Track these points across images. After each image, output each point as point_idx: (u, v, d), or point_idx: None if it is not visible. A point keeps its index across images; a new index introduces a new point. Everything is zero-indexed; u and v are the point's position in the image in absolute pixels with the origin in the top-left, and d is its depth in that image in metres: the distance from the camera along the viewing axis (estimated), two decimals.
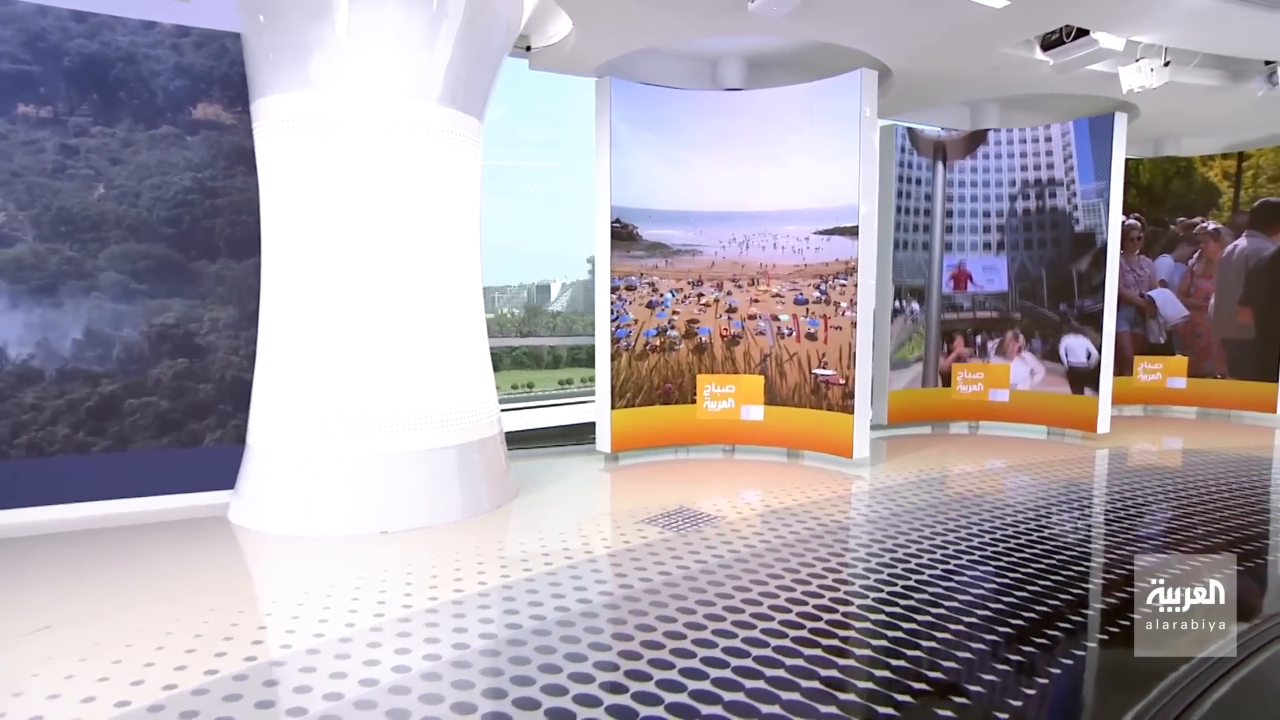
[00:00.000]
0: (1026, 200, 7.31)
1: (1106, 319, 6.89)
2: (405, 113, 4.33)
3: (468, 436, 4.69)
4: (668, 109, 6.18)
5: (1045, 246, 7.31)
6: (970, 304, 7.55)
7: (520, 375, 20.43)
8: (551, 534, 4.26)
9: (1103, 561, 3.87)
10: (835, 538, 4.19)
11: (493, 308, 28.12)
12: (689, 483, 5.53)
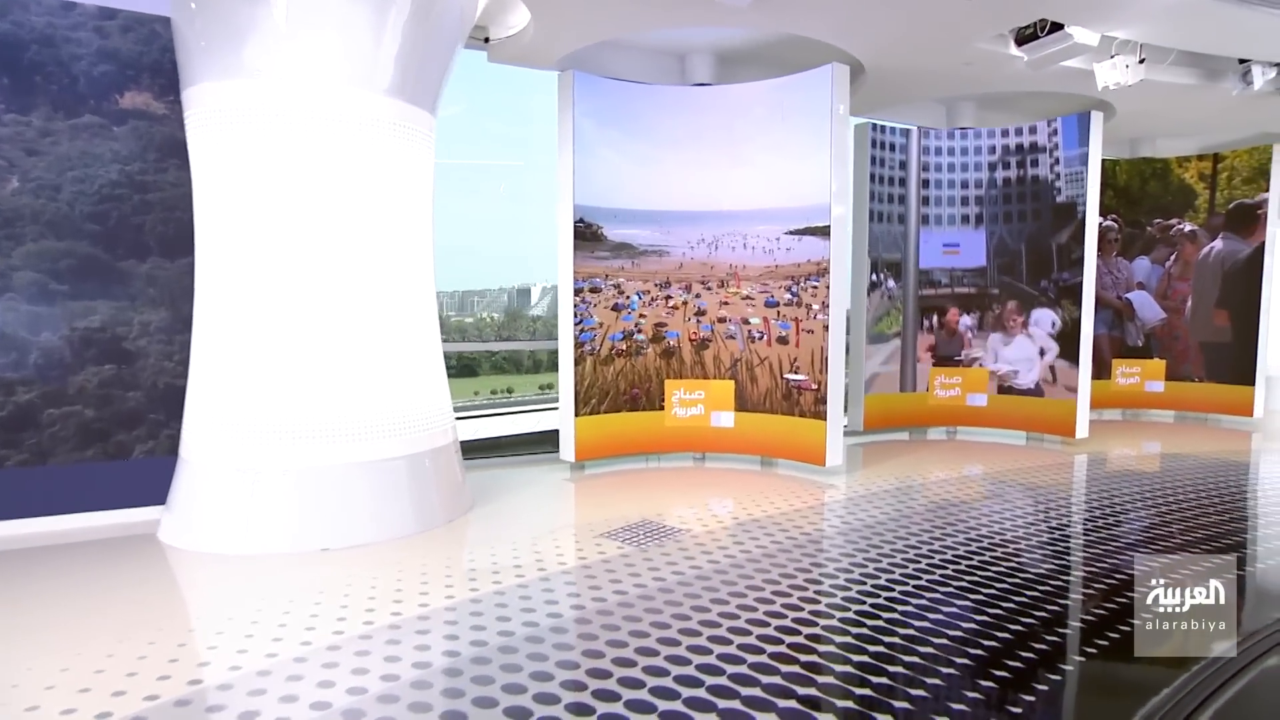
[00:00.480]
0: (1007, 169, 7.18)
1: (1085, 298, 6.80)
2: (350, 104, 4.12)
3: (419, 446, 4.48)
4: (634, 104, 6.01)
5: (1025, 220, 7.20)
6: (949, 280, 7.44)
7: (500, 380, 20.19)
8: (505, 550, 4.05)
9: (1087, 572, 3.74)
10: (804, 551, 4.03)
11: (472, 312, 27.88)
12: (655, 493, 5.34)
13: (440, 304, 5.44)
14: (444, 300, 26.92)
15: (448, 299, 29.66)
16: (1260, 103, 6.96)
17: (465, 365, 23.08)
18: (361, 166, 4.22)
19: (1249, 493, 5.57)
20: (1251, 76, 6.01)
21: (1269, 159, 8.11)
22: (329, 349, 4.14)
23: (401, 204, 4.47)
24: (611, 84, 5.95)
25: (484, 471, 5.94)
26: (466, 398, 20.81)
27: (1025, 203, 7.21)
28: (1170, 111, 7.34)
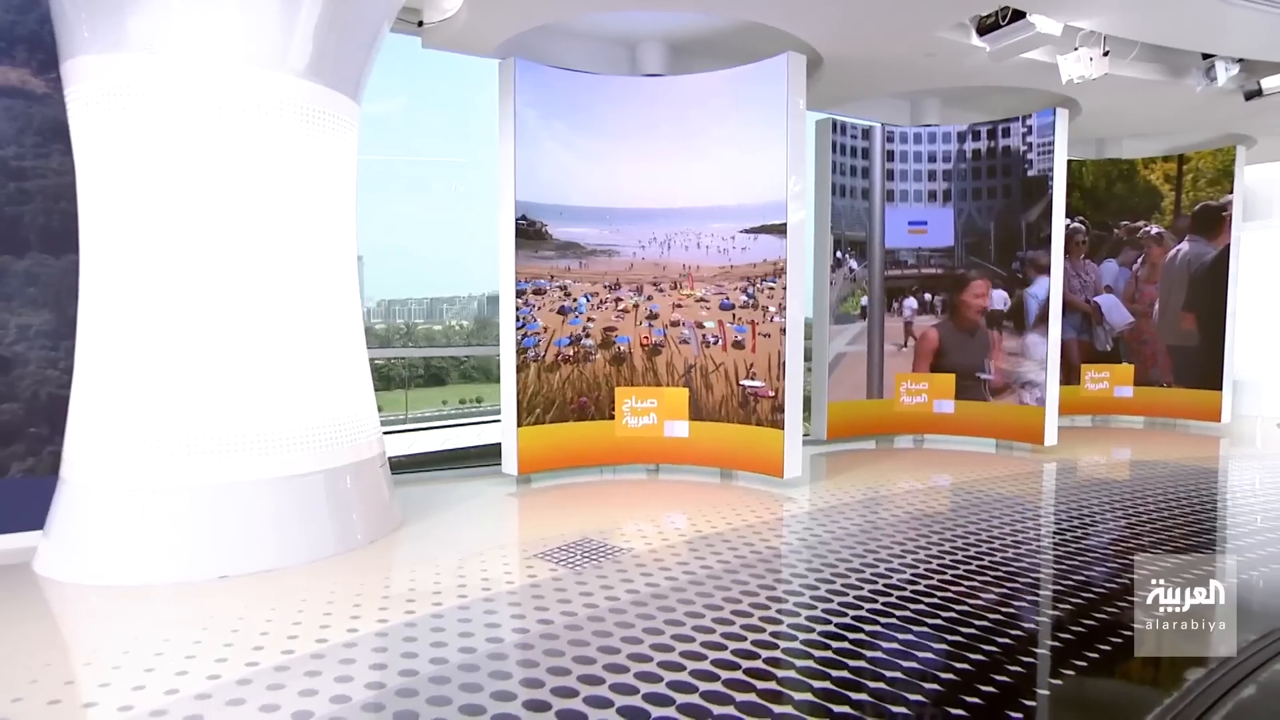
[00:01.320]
0: (977, 140, 7.01)
1: (1053, 301, 6.68)
2: (257, 85, 3.80)
3: (338, 459, 4.15)
4: (581, 95, 5.76)
5: (995, 196, 7.04)
6: (915, 260, 7.27)
7: (469, 389, 19.75)
8: (427, 573, 3.74)
9: (1061, 587, 3.54)
10: (753, 572, 3.78)
11: (441, 319, 27.42)
12: (602, 508, 5.07)
13: (409, 311, 5.12)
14: (412, 308, 26.10)
15: (416, 306, 29.24)
16: (1224, 101, 6.93)
17: (433, 374, 22.46)
18: (270, 155, 3.91)
19: (1219, 500, 5.46)
20: (1215, 72, 5.95)
21: (1233, 160, 8.12)
22: (231, 354, 3.81)
23: (318, 197, 4.16)
24: (557, 73, 5.69)
25: (421, 486, 5.62)
26: (433, 407, 20.33)
27: (995, 178, 7.04)
28: (1135, 109, 7.30)
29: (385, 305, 37.69)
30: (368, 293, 38.82)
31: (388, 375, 17.91)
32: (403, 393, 17.36)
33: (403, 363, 18.33)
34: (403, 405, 17.09)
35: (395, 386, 17.65)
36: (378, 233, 11.90)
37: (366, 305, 23.45)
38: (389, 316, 33.05)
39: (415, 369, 19.28)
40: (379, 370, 19.22)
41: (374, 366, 14.69)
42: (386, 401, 17.28)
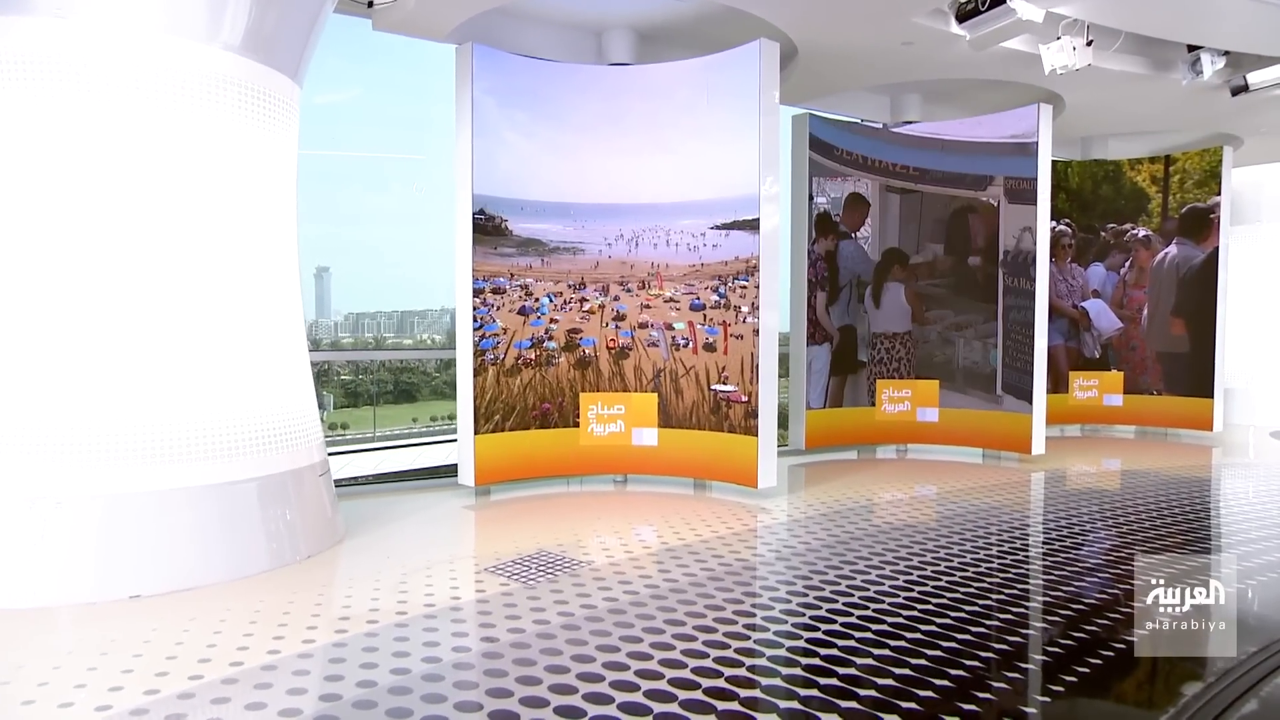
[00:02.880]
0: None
1: (1039, 306, 6.62)
2: (183, 58, 3.63)
3: (273, 466, 3.95)
4: (544, 84, 5.64)
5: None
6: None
7: (441, 406, 19.41)
8: (365, 589, 3.55)
9: (1047, 600, 3.42)
10: (719, 585, 3.62)
11: (412, 333, 27.05)
12: (562, 520, 4.89)
13: (378, 325, 4.96)
14: (382, 321, 25.74)
15: (386, 319, 28.86)
16: (1210, 98, 6.97)
17: (403, 390, 22.10)
18: (198, 136, 3.73)
19: (1213, 513, 5.41)
20: (1201, 65, 5.97)
21: (1220, 161, 8.18)
22: (148, 350, 3.60)
23: (251, 184, 3.98)
24: (518, 60, 5.57)
25: (371, 499, 5.41)
26: (403, 425, 19.92)
27: None
28: (1121, 105, 7.31)
29: (353, 318, 37.11)
30: (335, 305, 38.12)
31: (355, 392, 17.62)
32: (371, 409, 17.06)
33: (371, 379, 17.97)
34: (370, 422, 16.78)
35: (364, 403, 17.34)
36: (341, 235, 11.71)
37: (334, 319, 22.81)
38: (357, 330, 32.57)
39: (385, 385, 18.94)
40: (346, 387, 18.87)
41: (342, 384, 14.32)
42: (355, 419, 17.00)
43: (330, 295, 41.89)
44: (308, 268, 17.92)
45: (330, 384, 18.11)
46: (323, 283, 42.40)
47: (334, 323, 36.80)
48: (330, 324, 35.36)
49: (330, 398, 17.75)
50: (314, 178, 12.01)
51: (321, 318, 36.53)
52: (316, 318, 33.60)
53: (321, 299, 40.65)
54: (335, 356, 6.71)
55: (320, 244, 28.12)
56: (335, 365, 18.68)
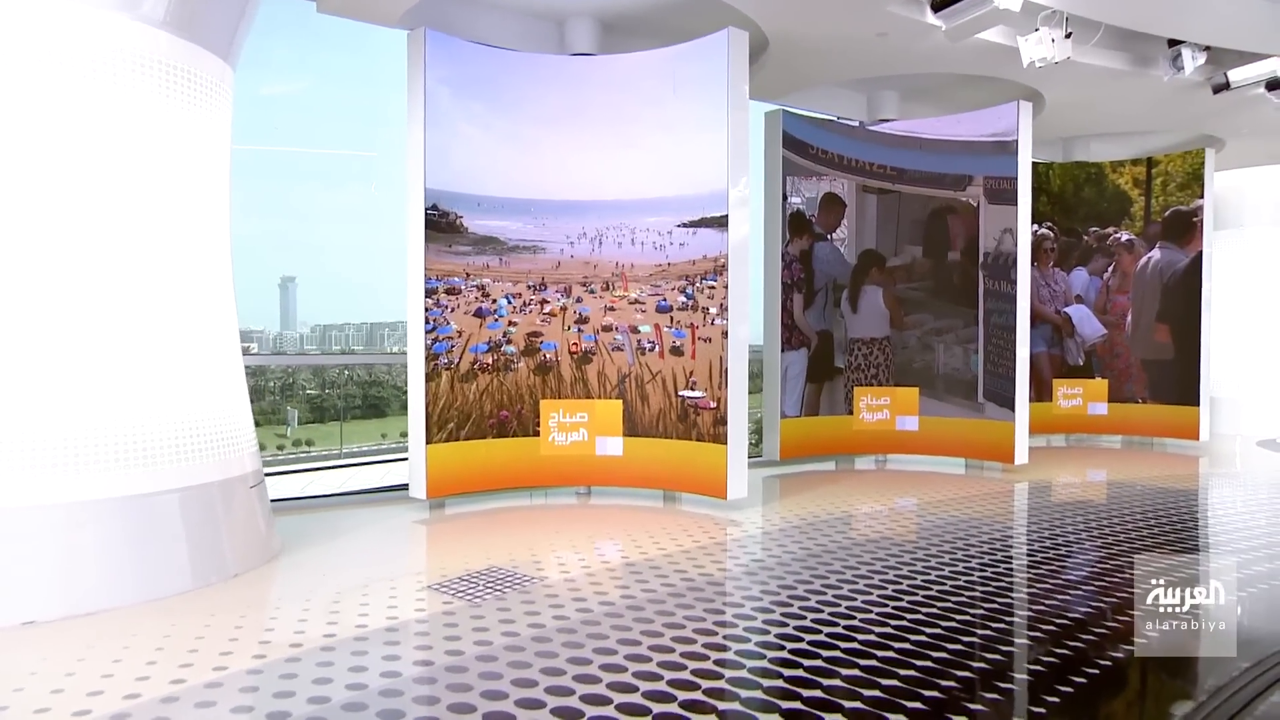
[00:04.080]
0: None
1: (1020, 311, 6.55)
2: (100, 32, 3.43)
3: (198, 476, 3.73)
4: (502, 74, 5.50)
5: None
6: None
7: None
8: (292, 610, 3.35)
9: (1030, 615, 3.29)
10: (680, 602, 3.45)
11: (381, 346, 26.55)
12: (519, 534, 4.70)
13: (346, 338, 4.80)
14: (350, 333, 25.56)
15: (355, 331, 28.40)
16: (1192, 96, 6.99)
17: (371, 404, 21.84)
18: (112, 119, 3.53)
19: (1199, 524, 5.34)
20: (1182, 61, 5.97)
21: (1202, 163, 8.22)
22: (50, 347, 3.38)
23: (175, 169, 3.79)
24: (474, 48, 5.43)
25: (319, 513, 5.19)
26: (372, 441, 19.59)
27: None
28: (1102, 102, 7.32)
29: (320, 330, 36.53)
30: (301, 317, 37.61)
31: (321, 407, 17.21)
32: (338, 425, 16.67)
33: (338, 393, 17.54)
34: (337, 439, 16.39)
35: (330, 418, 16.94)
36: (309, 241, 11.35)
37: (299, 330, 22.34)
38: (325, 342, 32.06)
39: (352, 400, 18.56)
40: (312, 401, 18.42)
41: (307, 398, 14.02)
42: (320, 435, 16.60)
43: (296, 306, 41.35)
44: (272, 278, 17.54)
45: (295, 398, 17.73)
46: (288, 293, 41.86)
47: (300, 335, 36.31)
48: (296, 336, 34.87)
49: (295, 413, 17.36)
50: (273, 176, 11.68)
51: (287, 330, 36.05)
52: (281, 330, 33.12)
53: (287, 310, 40.20)
54: (267, 361, 6.48)
55: (286, 251, 27.49)
56: (300, 379, 18.30)
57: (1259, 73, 6.52)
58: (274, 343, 21.68)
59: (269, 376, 17.77)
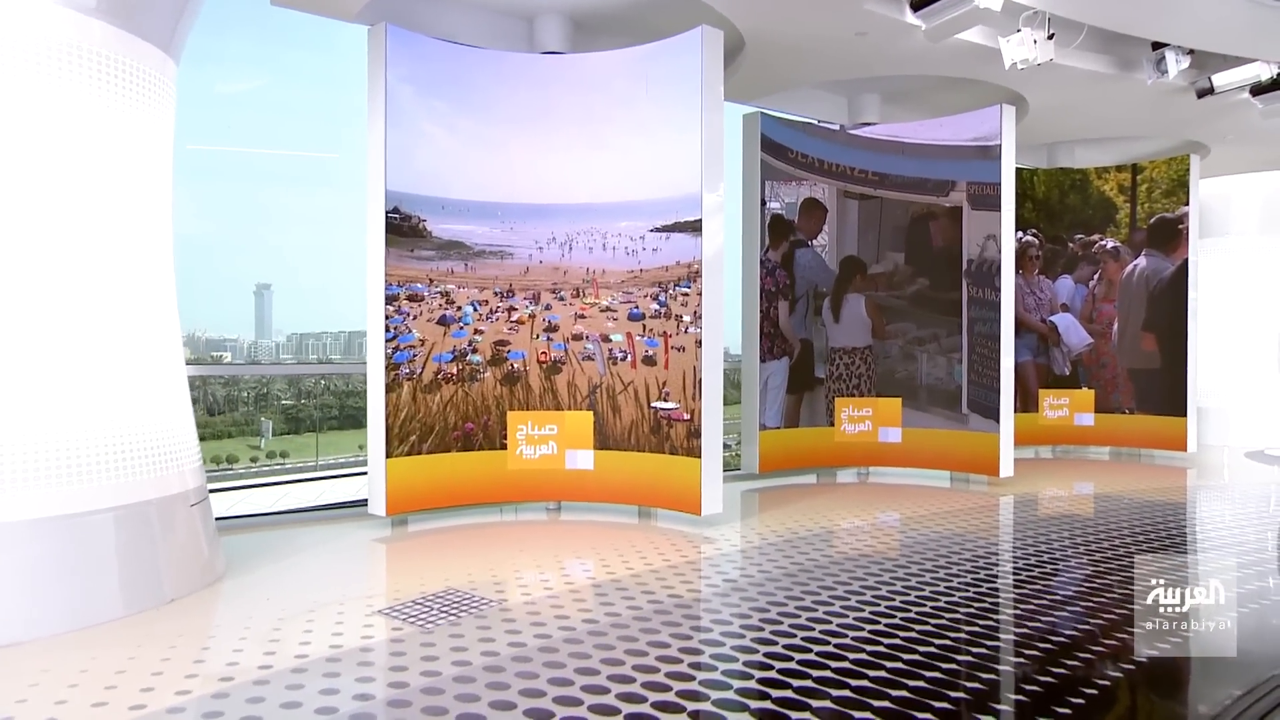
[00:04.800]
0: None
1: (1004, 319, 6.47)
2: (27, 20, 3.27)
3: (131, 495, 3.54)
4: (468, 72, 5.37)
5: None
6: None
7: None
8: (229, 639, 3.17)
9: (1018, 635, 3.16)
10: (645, 627, 3.30)
11: (360, 356, 26.49)
12: (482, 553, 4.53)
13: (323, 347, 4.62)
14: (327, 342, 24.98)
15: (332, 340, 28.10)
16: (1176, 100, 6.97)
17: (348, 415, 21.50)
18: (40, 113, 3.36)
19: (1188, 539, 5.25)
20: (1166, 65, 5.93)
21: (1187, 170, 8.21)
22: None
23: (110, 167, 3.61)
24: (439, 45, 5.29)
25: (273, 531, 5.00)
26: (349, 453, 19.26)
27: None
28: (1085, 106, 7.28)
29: (296, 339, 36.11)
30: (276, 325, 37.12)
31: (297, 418, 16.89)
32: (314, 436, 16.36)
33: (314, 403, 17.21)
34: (313, 451, 16.08)
35: (305, 430, 16.62)
36: (287, 247, 10.99)
37: (275, 339, 22.00)
38: (301, 351, 31.69)
39: (329, 410, 18.25)
40: (287, 412, 18.12)
41: (282, 409, 13.70)
42: (295, 446, 16.28)
43: (272, 314, 40.86)
44: (247, 285, 17.13)
45: (270, 409, 17.42)
46: (263, 301, 41.33)
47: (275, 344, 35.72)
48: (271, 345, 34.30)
49: (269, 424, 17.05)
50: (240, 178, 11.30)
51: (262, 339, 35.43)
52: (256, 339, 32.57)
53: (262, 319, 39.64)
54: (207, 371, 6.27)
55: (264, 256, 27.04)
56: (275, 389, 17.99)
57: (1243, 77, 6.50)
58: (249, 351, 21.31)
59: (242, 386, 17.46)
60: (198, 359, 13.36)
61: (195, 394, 13.03)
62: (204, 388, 15.54)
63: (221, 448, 15.20)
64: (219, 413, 16.70)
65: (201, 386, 15.06)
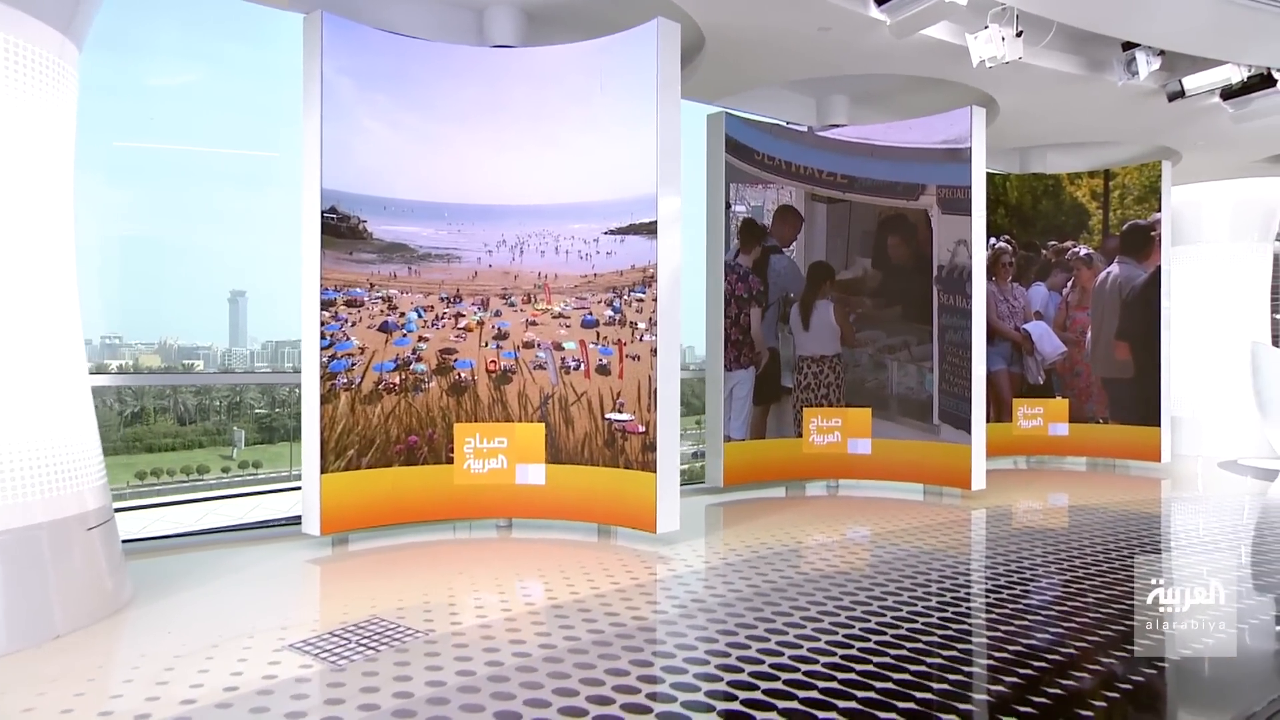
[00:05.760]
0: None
1: (975, 327, 6.26)
2: None
3: (14, 518, 3.20)
4: (412, 65, 5.08)
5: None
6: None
7: None
8: (109, 683, 2.84)
9: (994, 662, 2.89)
10: (581, 661, 3.01)
11: None
12: (419, 576, 4.22)
13: (299, 355, 4.37)
14: (303, 350, 24.39)
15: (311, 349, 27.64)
16: (1147, 104, 6.82)
17: None
18: None
19: (1163, 553, 5.04)
20: (1136, 66, 5.77)
21: (1159, 176, 8.08)
22: None
23: None
24: (381, 36, 5.01)
25: (201, 552, 4.68)
26: None
27: None
28: (1056, 109, 7.12)
29: (272, 347, 35.42)
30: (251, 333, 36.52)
31: (271, 427, 16.40)
32: (287, 446, 15.90)
33: (288, 412, 16.71)
34: (287, 460, 15.61)
35: (280, 439, 16.15)
36: (266, 251, 10.56)
37: (250, 347, 21.77)
38: (276, 359, 31.11)
39: (273, 421, 17.80)
40: (260, 421, 17.72)
41: (255, 418, 13.02)
42: (269, 456, 15.81)
43: (246, 322, 40.21)
44: (221, 292, 16.80)
45: (243, 418, 16.95)
46: (238, 308, 40.66)
47: (250, 352, 35.14)
48: (245, 353, 33.71)
49: (242, 434, 16.56)
50: (192, 178, 10.84)
51: (236, 346, 34.84)
52: (231, 346, 32.02)
53: (236, 326, 39.06)
54: (107, 381, 5.92)
55: (242, 262, 26.01)
56: (249, 398, 17.52)
57: (1214, 80, 6.36)
58: (222, 359, 20.75)
59: (214, 395, 16.99)
60: (169, 367, 12.89)
61: (165, 402, 12.54)
62: (175, 396, 15.20)
63: (193, 458, 14.81)
64: (190, 422, 16.31)
65: (172, 395, 14.62)
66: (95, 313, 8.52)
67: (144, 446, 13.02)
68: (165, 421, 15.04)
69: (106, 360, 10.30)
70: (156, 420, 13.74)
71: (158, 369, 12.71)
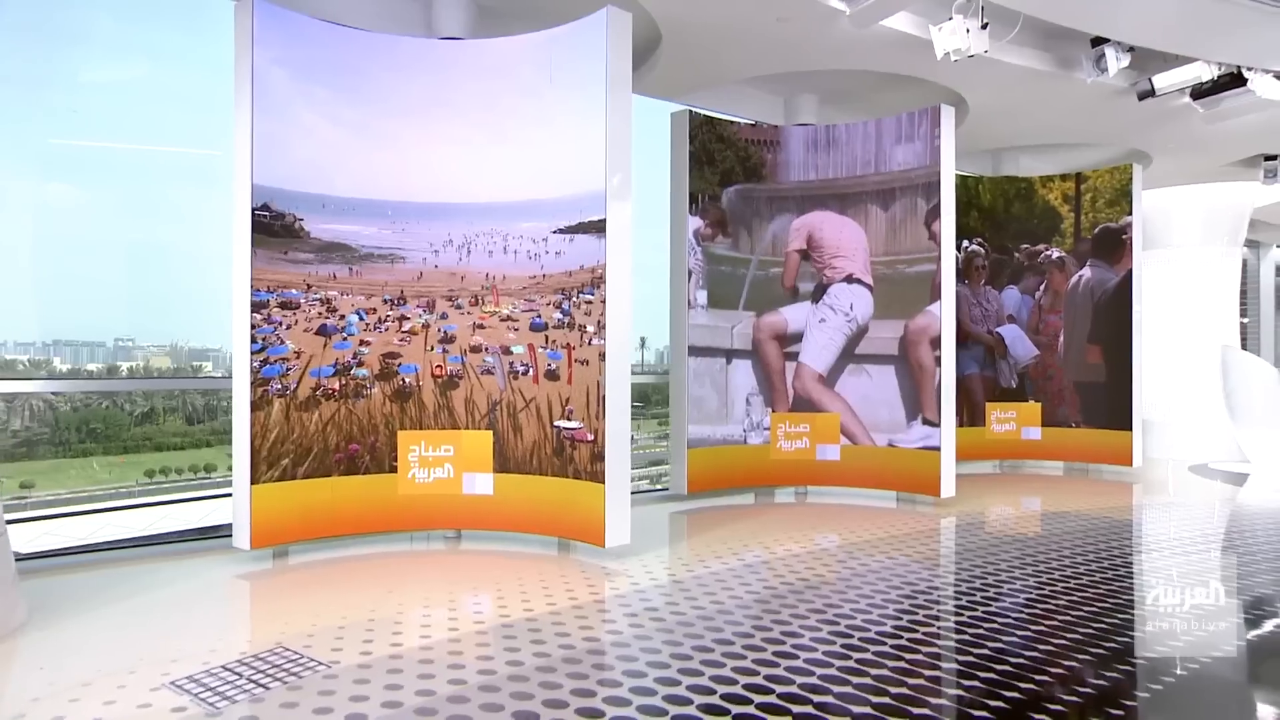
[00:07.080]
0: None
1: (945, 330, 5.87)
2: None
3: None
4: (354, 57, 4.67)
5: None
6: None
7: None
8: None
9: (976, 686, 2.48)
10: (491, 700, 2.58)
11: None
12: (340, 598, 3.78)
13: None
14: None
15: None
16: (1118, 104, 6.44)
17: None
18: None
19: (1134, 561, 4.64)
20: (1105, 62, 5.38)
21: (1130, 180, 7.71)
22: None
23: None
24: (319, 25, 4.59)
25: (119, 568, 4.24)
26: None
27: None
28: (1026, 109, 6.72)
29: None
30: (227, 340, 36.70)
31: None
32: None
33: None
34: None
35: None
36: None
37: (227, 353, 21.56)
38: None
39: None
40: None
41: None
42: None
43: None
44: (224, 293, 16.38)
45: None
46: None
47: None
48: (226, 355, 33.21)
49: None
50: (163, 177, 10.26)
51: None
52: None
53: None
54: (36, 388, 5.49)
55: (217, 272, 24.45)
56: None
57: (1184, 78, 5.97)
58: (229, 361, 20.51)
59: (222, 395, 16.69)
60: (179, 369, 12.50)
61: (174, 403, 11.93)
62: (183, 396, 15.06)
63: (200, 456, 14.60)
64: (198, 421, 16.15)
65: (180, 396, 14.50)
66: (112, 317, 8.24)
67: (153, 446, 12.76)
68: (174, 421, 14.74)
69: (119, 362, 9.96)
70: (165, 420, 13.45)
71: (166, 371, 12.34)
